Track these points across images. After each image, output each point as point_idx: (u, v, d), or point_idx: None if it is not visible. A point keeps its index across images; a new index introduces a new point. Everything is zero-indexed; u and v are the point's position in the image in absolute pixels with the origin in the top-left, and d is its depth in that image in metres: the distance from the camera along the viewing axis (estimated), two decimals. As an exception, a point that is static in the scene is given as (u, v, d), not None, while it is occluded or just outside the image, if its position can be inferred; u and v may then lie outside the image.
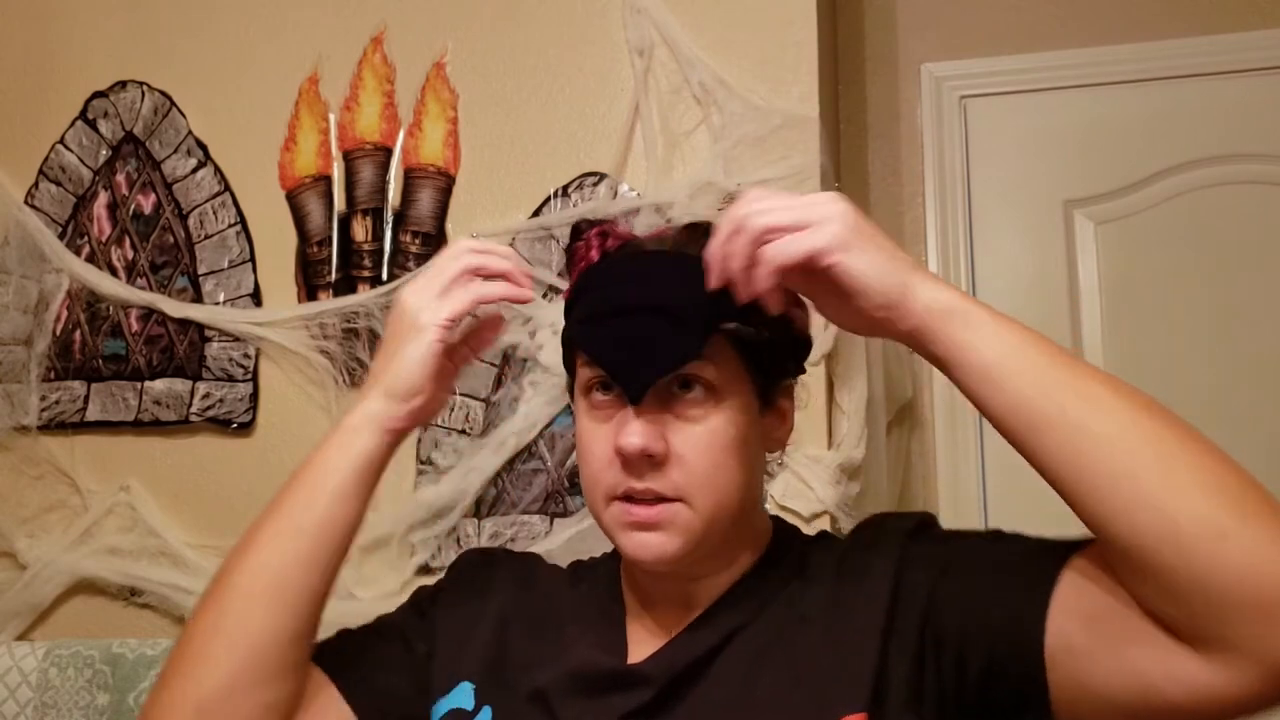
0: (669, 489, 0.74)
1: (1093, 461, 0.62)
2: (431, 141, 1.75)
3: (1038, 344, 0.66)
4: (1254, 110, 1.92)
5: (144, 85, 1.87)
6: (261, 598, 0.73)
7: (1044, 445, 0.64)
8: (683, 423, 0.74)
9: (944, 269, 1.99)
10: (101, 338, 1.80)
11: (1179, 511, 0.59)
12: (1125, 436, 0.62)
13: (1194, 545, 0.59)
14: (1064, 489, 0.64)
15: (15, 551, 1.75)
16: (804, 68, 1.63)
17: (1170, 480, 0.61)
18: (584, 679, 0.77)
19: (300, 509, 0.75)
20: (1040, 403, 0.64)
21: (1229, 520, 0.59)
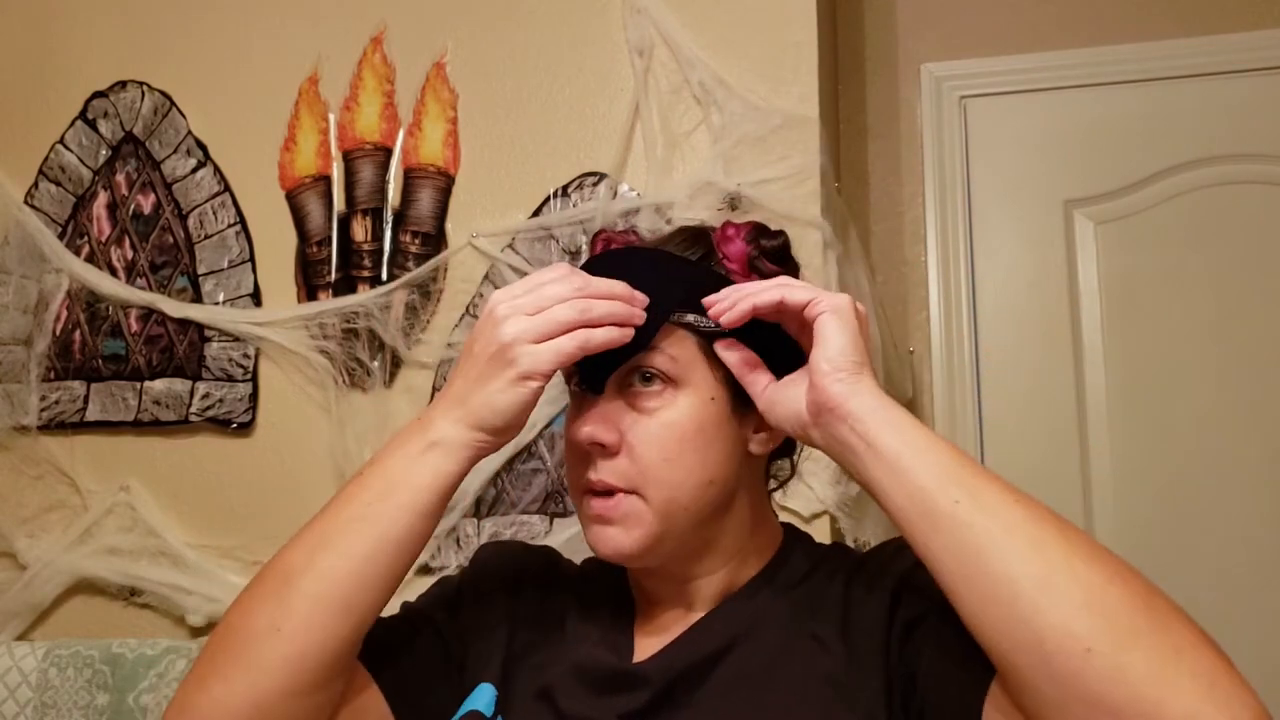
0: (621, 480, 0.75)
1: (977, 561, 0.62)
2: (431, 141, 1.75)
3: (951, 447, 0.68)
4: (1254, 110, 1.92)
5: (144, 85, 1.87)
6: (330, 607, 0.71)
7: (935, 540, 0.64)
8: (639, 414, 0.76)
9: (944, 269, 1.99)
10: (101, 338, 1.80)
11: (1047, 623, 0.58)
12: (1009, 539, 0.61)
13: (1056, 659, 0.57)
14: (951, 591, 0.63)
15: (15, 551, 1.75)
16: (804, 68, 1.63)
17: (1043, 592, 0.59)
18: (587, 677, 0.77)
19: (381, 523, 0.72)
20: (937, 496, 0.64)
21: (1097, 636, 0.57)
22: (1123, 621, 0.57)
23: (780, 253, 0.82)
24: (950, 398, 1.95)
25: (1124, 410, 1.90)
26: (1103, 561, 0.60)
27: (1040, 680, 0.58)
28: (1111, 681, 0.55)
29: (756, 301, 0.74)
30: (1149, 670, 0.55)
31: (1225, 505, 1.83)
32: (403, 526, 0.72)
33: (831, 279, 1.56)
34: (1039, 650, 0.58)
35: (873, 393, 0.70)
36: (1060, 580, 0.59)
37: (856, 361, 0.71)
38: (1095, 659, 0.56)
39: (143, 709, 1.54)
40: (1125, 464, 1.88)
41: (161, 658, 1.56)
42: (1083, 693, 0.56)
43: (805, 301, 0.73)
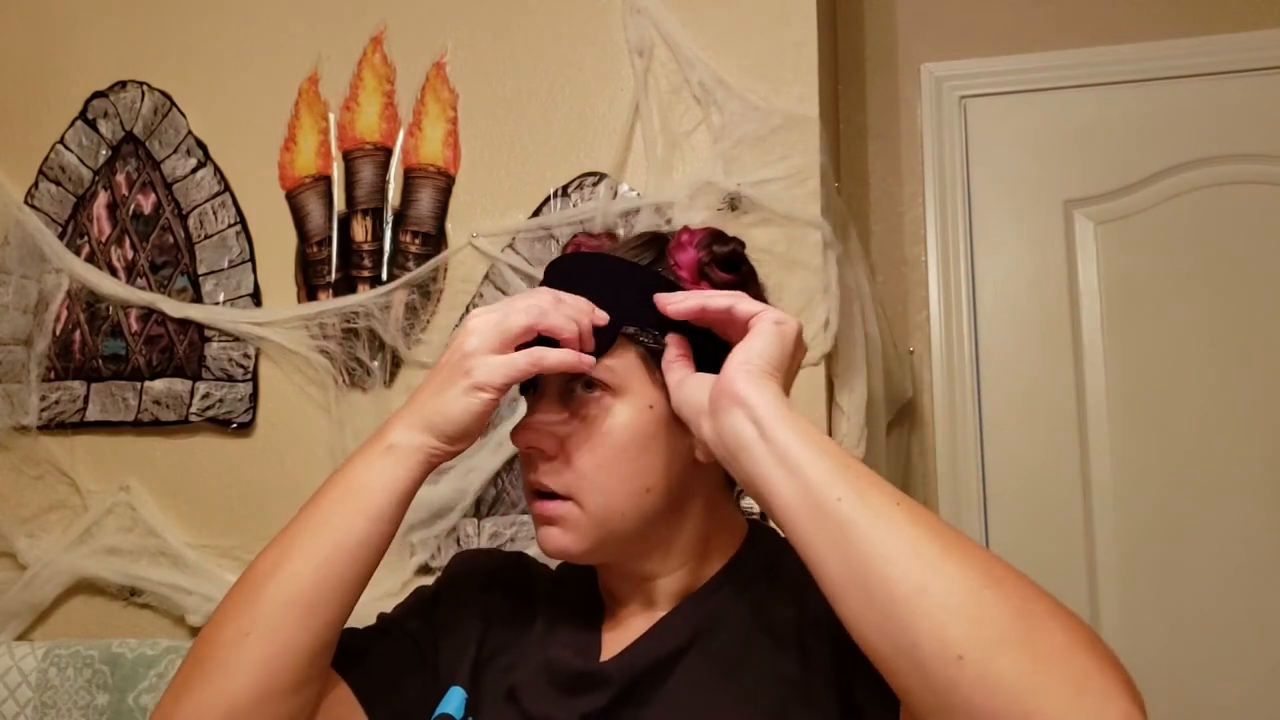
0: (559, 486, 0.77)
1: (855, 562, 0.61)
2: (431, 141, 1.75)
3: (840, 450, 0.67)
4: (1254, 110, 1.92)
5: (144, 85, 1.87)
6: (295, 611, 0.73)
7: (817, 539, 0.63)
8: (578, 422, 0.77)
9: (944, 269, 1.99)
10: (101, 338, 1.80)
11: (921, 629, 0.57)
12: (889, 542, 0.60)
13: (929, 665, 0.56)
14: (831, 593, 0.63)
15: (15, 551, 1.75)
16: (804, 68, 1.63)
17: (919, 598, 0.58)
18: (554, 677, 0.78)
19: (340, 529, 0.75)
20: (823, 492, 0.63)
21: (968, 644, 0.56)
22: (994, 628, 0.56)
23: (731, 259, 0.82)
24: (950, 398, 1.95)
25: (1124, 410, 1.90)
26: (980, 566, 0.59)
27: (917, 686, 0.57)
28: (983, 690, 0.54)
29: (708, 303, 0.75)
30: (1018, 678, 0.54)
31: (1225, 505, 1.83)
32: (359, 531, 0.75)
33: (831, 279, 1.56)
34: (915, 656, 0.57)
35: (775, 393, 0.70)
36: (936, 585, 0.58)
37: (771, 365, 0.71)
38: (967, 666, 0.55)
39: (143, 709, 1.54)
40: (1125, 464, 1.88)
41: (161, 658, 1.56)
42: (957, 701, 0.55)
43: (753, 313, 0.74)
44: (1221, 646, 1.79)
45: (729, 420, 0.69)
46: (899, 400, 1.85)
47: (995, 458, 1.92)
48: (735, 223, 1.59)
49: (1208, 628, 1.80)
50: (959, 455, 1.93)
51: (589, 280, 0.79)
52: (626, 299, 0.78)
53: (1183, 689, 1.77)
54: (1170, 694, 1.77)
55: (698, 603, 0.80)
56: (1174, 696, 1.77)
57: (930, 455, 1.94)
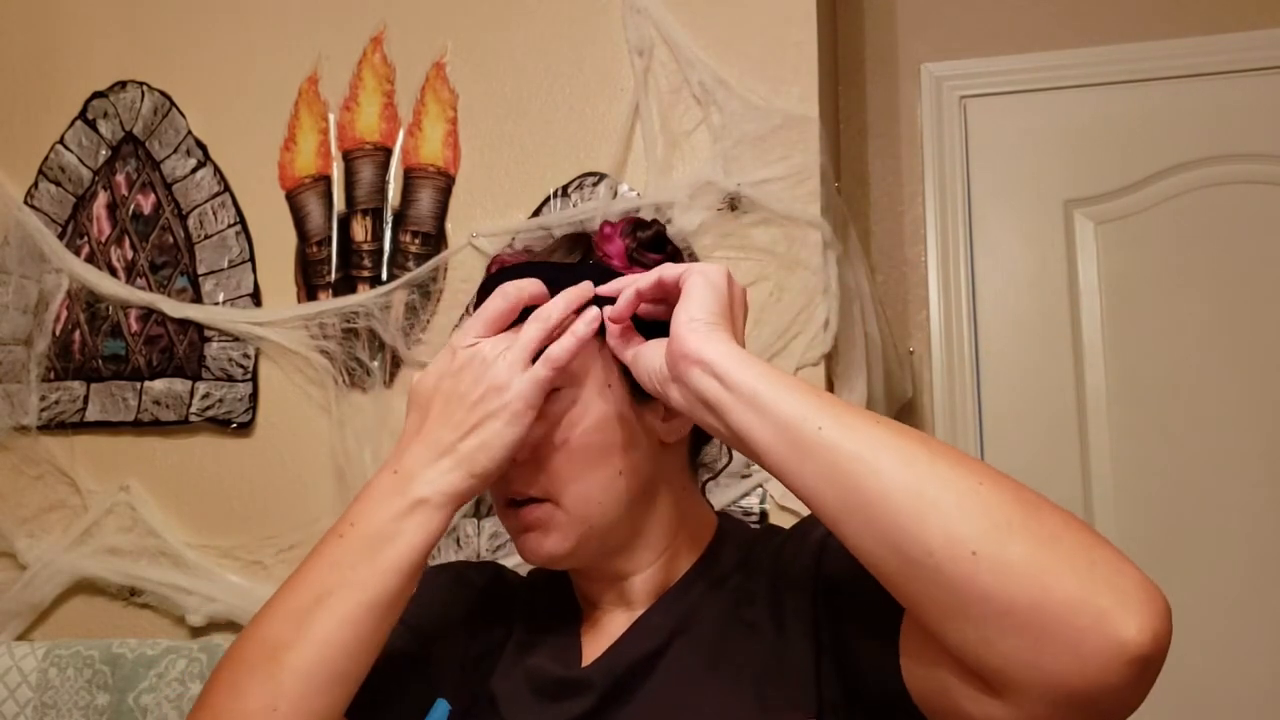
0: (536, 490, 0.76)
1: (848, 483, 0.61)
2: (431, 141, 1.75)
3: (804, 384, 0.68)
4: (1254, 110, 1.92)
5: (144, 85, 1.87)
6: (324, 681, 0.68)
7: (806, 471, 0.63)
8: (544, 421, 0.76)
9: (944, 269, 1.99)
10: (101, 338, 1.80)
11: (929, 531, 0.58)
12: (877, 455, 0.61)
13: (945, 565, 0.57)
14: (831, 520, 0.63)
15: (15, 551, 1.75)
16: (804, 68, 1.63)
17: (921, 502, 0.59)
18: (535, 686, 0.78)
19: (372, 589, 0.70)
20: (801, 425, 0.64)
21: (978, 536, 0.57)
22: (999, 517, 0.57)
23: (656, 240, 0.83)
24: (950, 398, 1.95)
25: (1124, 410, 1.90)
26: (968, 464, 0.61)
27: (934, 592, 0.58)
28: (1001, 577, 0.55)
29: (639, 286, 0.75)
30: (1030, 560, 0.55)
31: (1225, 504, 1.83)
32: (392, 590, 0.70)
33: (831, 279, 1.56)
34: (928, 562, 0.57)
35: (727, 343, 0.70)
36: (933, 487, 0.59)
37: (715, 316, 0.71)
38: (982, 560, 0.56)
39: (143, 709, 1.54)
40: (1125, 463, 1.88)
41: (161, 658, 1.56)
42: (976, 595, 0.56)
43: (678, 273, 0.74)
44: (1222, 645, 1.79)
45: (691, 380, 0.69)
46: (899, 400, 1.85)
47: (995, 458, 1.92)
48: (735, 223, 1.59)
49: (1208, 627, 1.80)
50: (959, 455, 1.93)
51: None
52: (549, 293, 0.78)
53: (1183, 688, 1.77)
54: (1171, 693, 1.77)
55: (674, 599, 0.80)
56: (1175, 695, 1.76)
57: (930, 455, 1.94)
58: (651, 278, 0.75)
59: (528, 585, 0.89)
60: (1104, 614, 0.53)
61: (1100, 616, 0.53)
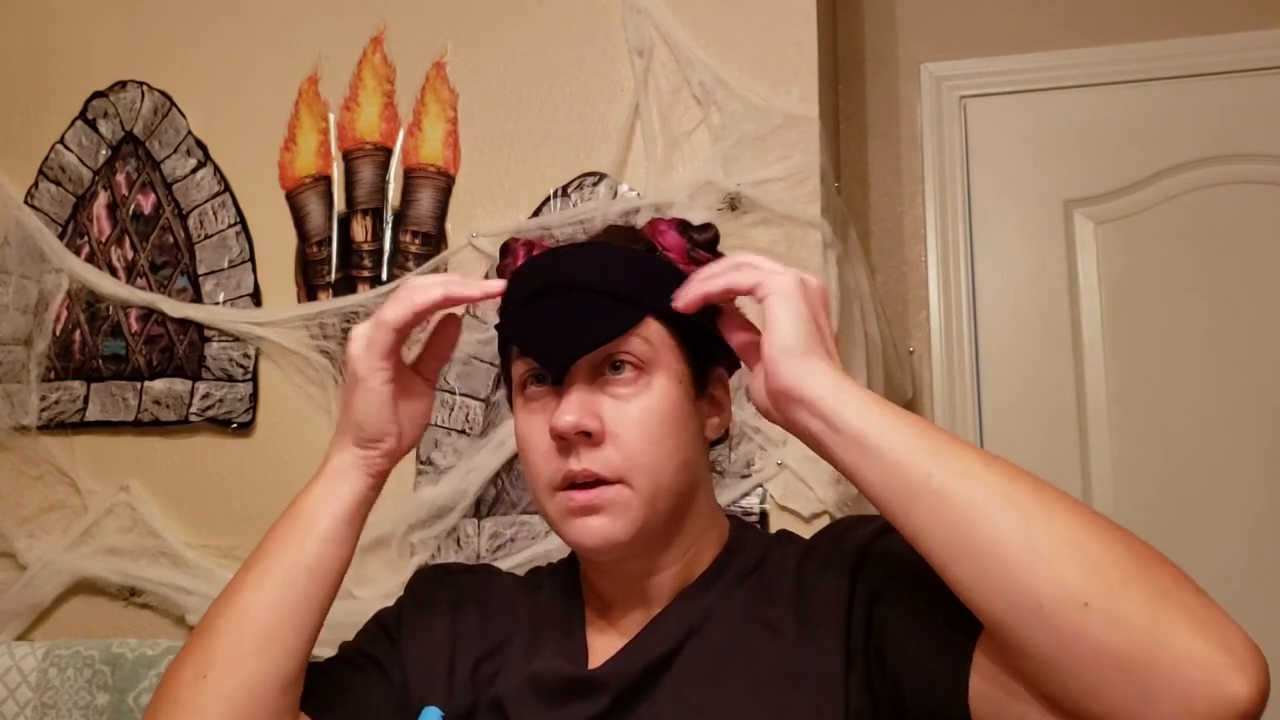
0: (607, 470, 0.74)
1: (960, 531, 0.61)
2: (431, 141, 1.75)
3: (912, 419, 0.67)
4: (1254, 110, 1.92)
5: (144, 85, 1.87)
6: (251, 644, 0.72)
7: (914, 514, 0.63)
8: (616, 401, 0.75)
9: (944, 269, 1.99)
10: (101, 338, 1.80)
11: (1040, 582, 0.58)
12: (989, 504, 0.61)
13: (1055, 617, 0.57)
14: (937, 564, 0.63)
15: (15, 551, 1.75)
16: (804, 68, 1.63)
17: (1032, 552, 0.59)
18: (543, 687, 0.77)
19: (289, 553, 0.76)
20: (908, 469, 0.63)
21: (1090, 589, 0.57)
22: (1113, 571, 0.58)
23: (714, 243, 0.83)
24: (950, 398, 1.95)
25: (1124, 410, 1.90)
26: (1081, 514, 0.61)
27: (1041, 640, 0.58)
28: (1113, 631, 0.56)
29: (707, 290, 0.74)
30: (1145, 614, 0.56)
31: (1225, 504, 1.83)
32: (310, 554, 0.76)
33: (831, 279, 1.56)
34: (1037, 612, 0.58)
35: (825, 373, 0.68)
36: (1045, 539, 0.59)
37: (807, 342, 0.69)
38: (1093, 612, 0.56)
39: (143, 709, 1.54)
40: (1125, 463, 1.88)
41: (161, 658, 1.56)
42: (1086, 647, 0.56)
43: (752, 286, 0.72)
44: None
45: (794, 418, 0.69)
46: (899, 400, 1.85)
47: (995, 458, 1.92)
48: (735, 223, 1.59)
49: (1208, 628, 1.80)
50: (959, 455, 1.93)
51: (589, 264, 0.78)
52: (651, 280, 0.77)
53: (1183, 689, 1.77)
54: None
55: (689, 600, 0.79)
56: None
57: (930, 455, 1.94)
58: (721, 283, 0.73)
59: (526, 585, 0.88)
60: (1218, 670, 0.54)
61: (1214, 672, 0.54)
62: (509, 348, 0.81)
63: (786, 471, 1.52)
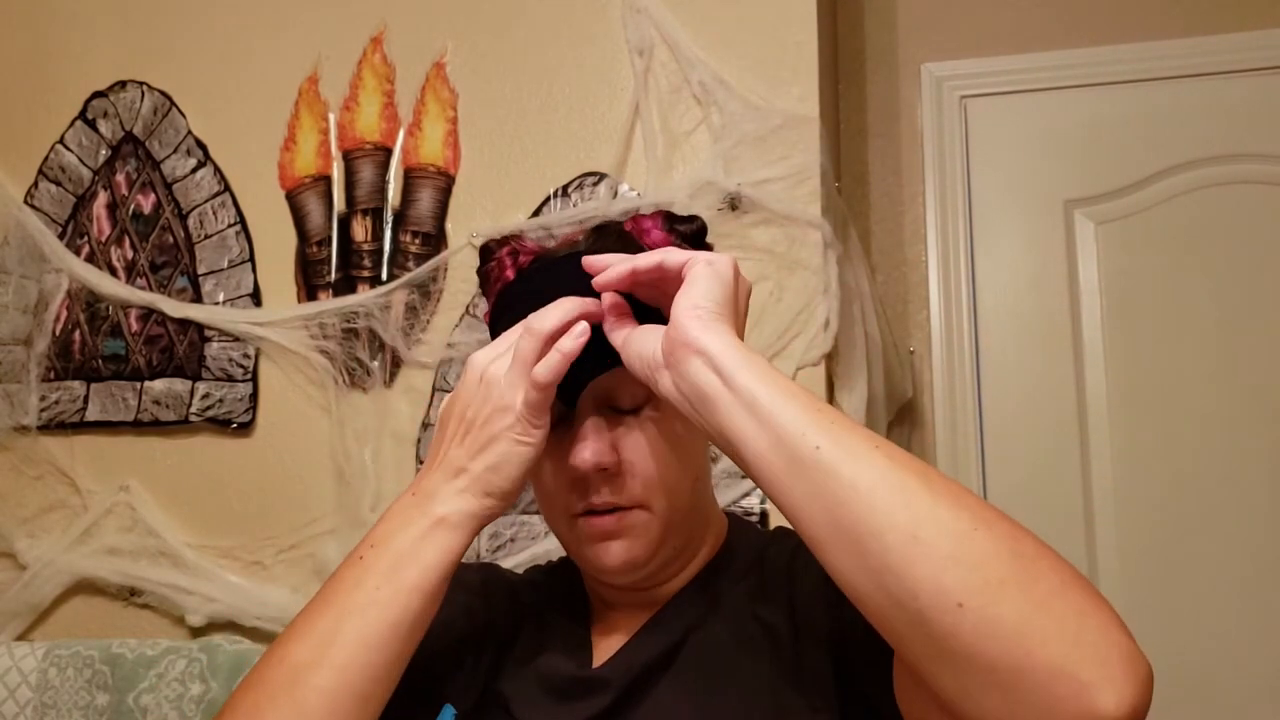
0: (626, 499, 0.74)
1: (839, 512, 0.58)
2: (431, 141, 1.75)
3: (807, 392, 0.64)
4: (1254, 110, 1.92)
5: (144, 85, 1.87)
6: (347, 703, 0.67)
7: (796, 489, 0.60)
8: (627, 430, 0.74)
9: (944, 269, 1.99)
10: (101, 338, 1.80)
11: (919, 575, 0.55)
12: (875, 486, 0.58)
13: (930, 616, 0.54)
14: (816, 544, 0.60)
15: (15, 551, 1.75)
16: (804, 68, 1.63)
17: (913, 545, 0.56)
18: (548, 685, 0.77)
19: (395, 608, 0.69)
20: (796, 439, 0.60)
21: (966, 588, 0.54)
22: (991, 572, 0.55)
23: (699, 235, 0.81)
24: (950, 398, 1.94)
25: (1124, 410, 1.90)
26: (968, 508, 0.57)
27: (914, 635, 0.56)
28: (984, 636, 0.53)
29: (637, 264, 0.71)
30: (1019, 621, 0.53)
31: (1226, 505, 1.83)
32: (415, 610, 0.70)
33: (831, 279, 1.56)
34: (912, 605, 0.55)
35: (730, 335, 0.66)
36: (929, 531, 0.56)
37: (720, 306, 0.67)
38: (967, 614, 0.54)
39: (143, 709, 1.54)
40: (1126, 464, 1.88)
41: (161, 658, 1.56)
42: (956, 648, 0.54)
43: (683, 260, 0.70)
44: (1223, 646, 1.79)
45: (688, 370, 0.66)
46: (899, 400, 1.85)
47: (995, 458, 1.92)
48: (735, 223, 1.59)
49: (1209, 628, 1.80)
50: (959, 455, 1.93)
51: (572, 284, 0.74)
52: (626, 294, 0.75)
53: (1184, 689, 1.77)
54: (1172, 693, 1.77)
55: (688, 599, 0.79)
56: (1176, 696, 1.76)
57: (930, 455, 1.94)
58: (653, 259, 0.71)
59: (529, 584, 0.88)
60: (1084, 686, 0.51)
61: (1080, 688, 0.52)
62: None
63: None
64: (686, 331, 0.66)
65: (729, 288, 0.69)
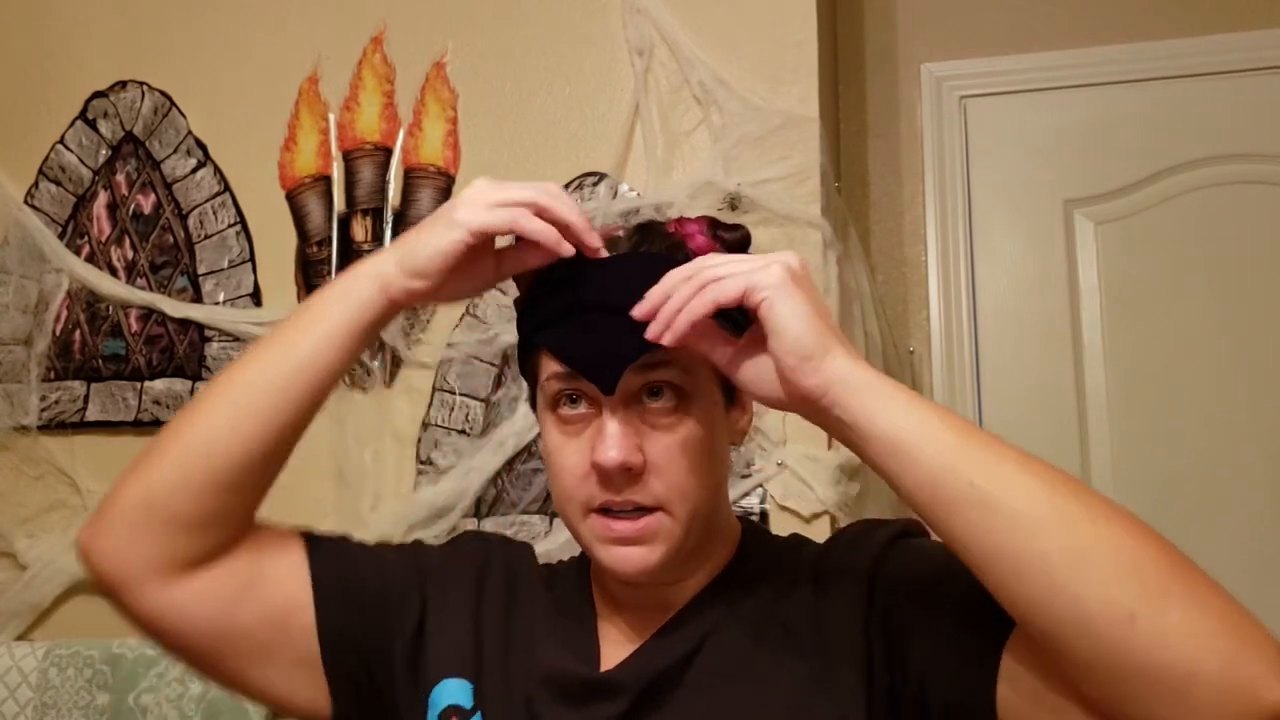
0: (648, 500, 0.73)
1: (1000, 541, 0.60)
2: (431, 141, 1.75)
3: (948, 419, 0.64)
4: (1254, 110, 1.92)
5: (144, 85, 1.87)
6: (226, 407, 0.75)
7: (954, 523, 0.62)
8: (656, 431, 0.73)
9: (944, 269, 1.99)
10: (101, 338, 1.80)
11: (1087, 594, 0.57)
12: (1033, 515, 0.59)
13: (1101, 630, 0.57)
14: (979, 571, 0.61)
15: (15, 551, 1.75)
16: (804, 68, 1.63)
17: (1079, 563, 0.58)
18: (558, 687, 0.76)
19: (287, 342, 0.76)
20: (948, 477, 0.61)
21: (1138, 603, 0.56)
22: (1154, 579, 0.57)
23: (742, 245, 0.81)
24: (950, 398, 1.94)
25: (1124, 410, 1.90)
26: (1122, 521, 0.60)
27: (1084, 649, 0.58)
28: (1158, 646, 0.56)
29: (692, 318, 0.68)
30: (1187, 626, 0.56)
31: (1226, 505, 1.83)
32: (305, 348, 0.76)
33: (831, 279, 1.56)
34: (1083, 622, 0.57)
35: (849, 372, 0.65)
36: (1090, 547, 0.58)
37: (821, 339, 0.65)
38: (1140, 623, 0.56)
39: (143, 709, 1.54)
40: (1125, 464, 1.88)
41: (161, 658, 1.56)
42: (1131, 660, 0.56)
43: (739, 294, 0.67)
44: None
45: (825, 421, 0.67)
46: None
47: (995, 458, 1.92)
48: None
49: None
50: (959, 455, 1.93)
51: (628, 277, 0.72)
52: None
53: (1183, 689, 1.77)
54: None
55: (704, 603, 0.78)
56: (1174, 696, 1.76)
57: (930, 455, 1.94)
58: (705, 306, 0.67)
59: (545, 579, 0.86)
60: (1254, 679, 0.54)
61: (1250, 682, 0.54)
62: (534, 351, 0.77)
63: (786, 472, 1.52)
64: (806, 391, 0.66)
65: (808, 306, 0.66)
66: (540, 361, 0.76)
